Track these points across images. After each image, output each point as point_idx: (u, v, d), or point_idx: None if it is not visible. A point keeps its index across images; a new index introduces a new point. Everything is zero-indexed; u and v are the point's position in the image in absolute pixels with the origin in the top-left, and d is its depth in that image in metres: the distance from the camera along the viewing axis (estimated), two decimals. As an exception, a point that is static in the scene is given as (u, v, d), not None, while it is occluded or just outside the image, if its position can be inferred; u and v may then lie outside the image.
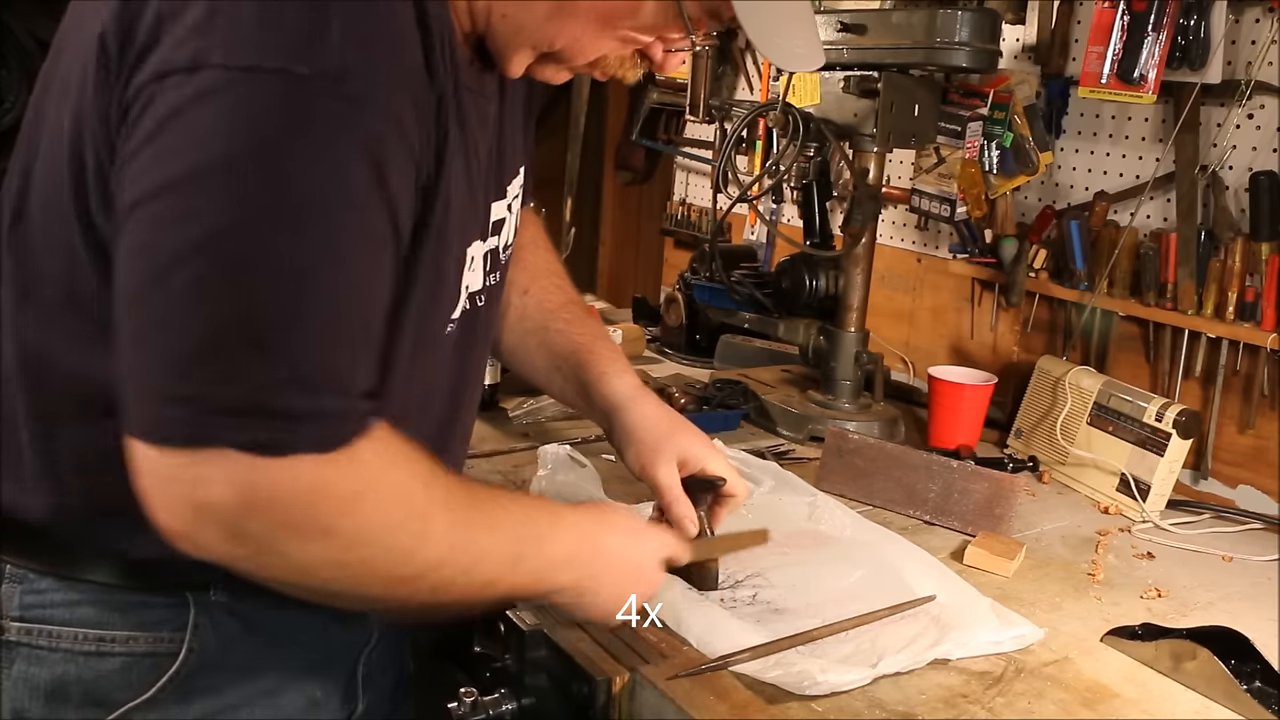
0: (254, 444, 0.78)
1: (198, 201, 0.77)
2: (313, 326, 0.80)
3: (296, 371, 0.80)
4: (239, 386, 0.78)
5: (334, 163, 0.80)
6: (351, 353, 0.84)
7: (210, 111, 0.77)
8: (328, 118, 0.79)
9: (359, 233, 0.83)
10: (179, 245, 0.78)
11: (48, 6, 0.98)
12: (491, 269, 1.12)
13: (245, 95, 0.77)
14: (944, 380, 1.79)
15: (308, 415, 0.80)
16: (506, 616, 1.17)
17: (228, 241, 0.77)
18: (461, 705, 1.15)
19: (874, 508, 1.56)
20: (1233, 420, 1.74)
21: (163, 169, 0.79)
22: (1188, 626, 1.19)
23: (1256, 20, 1.68)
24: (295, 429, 0.80)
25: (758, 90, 2.63)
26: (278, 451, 0.79)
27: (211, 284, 0.78)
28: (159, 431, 0.79)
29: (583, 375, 1.30)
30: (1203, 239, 1.73)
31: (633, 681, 1.09)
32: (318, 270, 0.80)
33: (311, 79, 0.78)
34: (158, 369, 0.79)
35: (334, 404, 0.82)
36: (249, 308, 0.78)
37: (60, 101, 0.90)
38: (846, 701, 1.06)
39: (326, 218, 0.80)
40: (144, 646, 0.98)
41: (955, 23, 1.66)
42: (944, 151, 1.95)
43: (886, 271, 2.29)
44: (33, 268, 0.93)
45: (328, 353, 0.81)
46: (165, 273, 0.78)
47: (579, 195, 3.15)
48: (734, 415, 1.89)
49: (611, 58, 1.01)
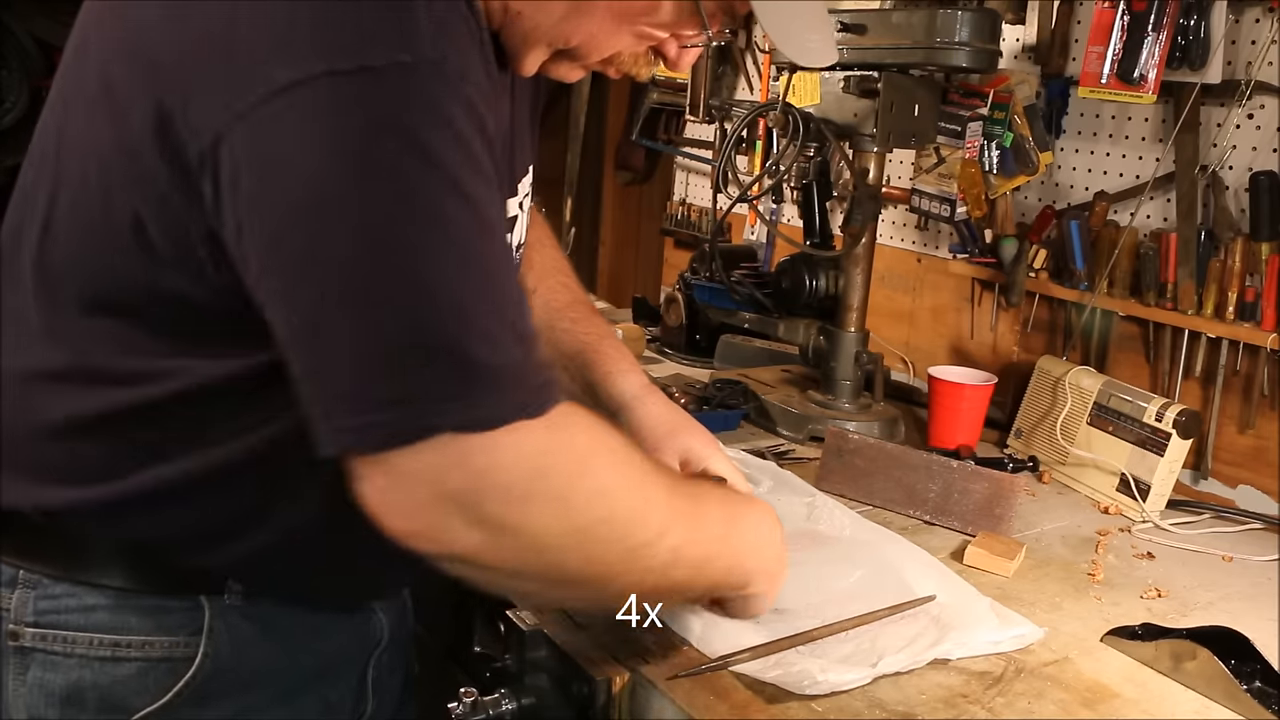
0: (471, 422, 0.78)
1: (349, 210, 0.76)
2: (488, 294, 0.80)
3: (488, 341, 0.79)
4: (440, 370, 0.78)
5: (461, 137, 0.80)
6: (521, 310, 0.84)
7: (330, 121, 0.76)
8: (442, 94, 0.79)
9: (491, 197, 0.84)
10: (347, 256, 0.77)
11: (48, 6, 0.98)
12: None
13: (359, 96, 0.76)
14: (944, 380, 1.79)
15: (511, 381, 0.80)
16: (506, 616, 1.17)
17: (393, 236, 0.77)
18: (461, 705, 1.15)
19: (874, 508, 1.56)
20: (1233, 420, 1.74)
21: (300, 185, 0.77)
22: (1188, 626, 1.19)
23: (1256, 20, 1.68)
24: (504, 397, 0.80)
25: (758, 90, 2.63)
26: (495, 424, 0.79)
27: (373, 288, 0.77)
28: (377, 439, 0.78)
29: (589, 374, 1.30)
30: (1203, 239, 1.73)
31: (633, 681, 1.09)
32: (475, 238, 0.80)
33: (417, 64, 0.77)
34: (357, 379, 0.78)
35: (531, 366, 0.82)
36: (425, 290, 0.78)
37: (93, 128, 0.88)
38: (846, 701, 1.06)
39: (472, 190, 0.80)
40: (160, 651, 0.97)
41: (955, 23, 1.66)
42: (944, 151, 1.95)
43: (886, 271, 2.29)
44: (62, 277, 0.92)
45: (508, 317, 0.82)
46: (340, 285, 0.77)
47: (579, 195, 3.15)
48: (734, 415, 1.89)
49: (626, 55, 1.01)
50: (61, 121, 0.94)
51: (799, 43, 1.03)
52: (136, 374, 0.91)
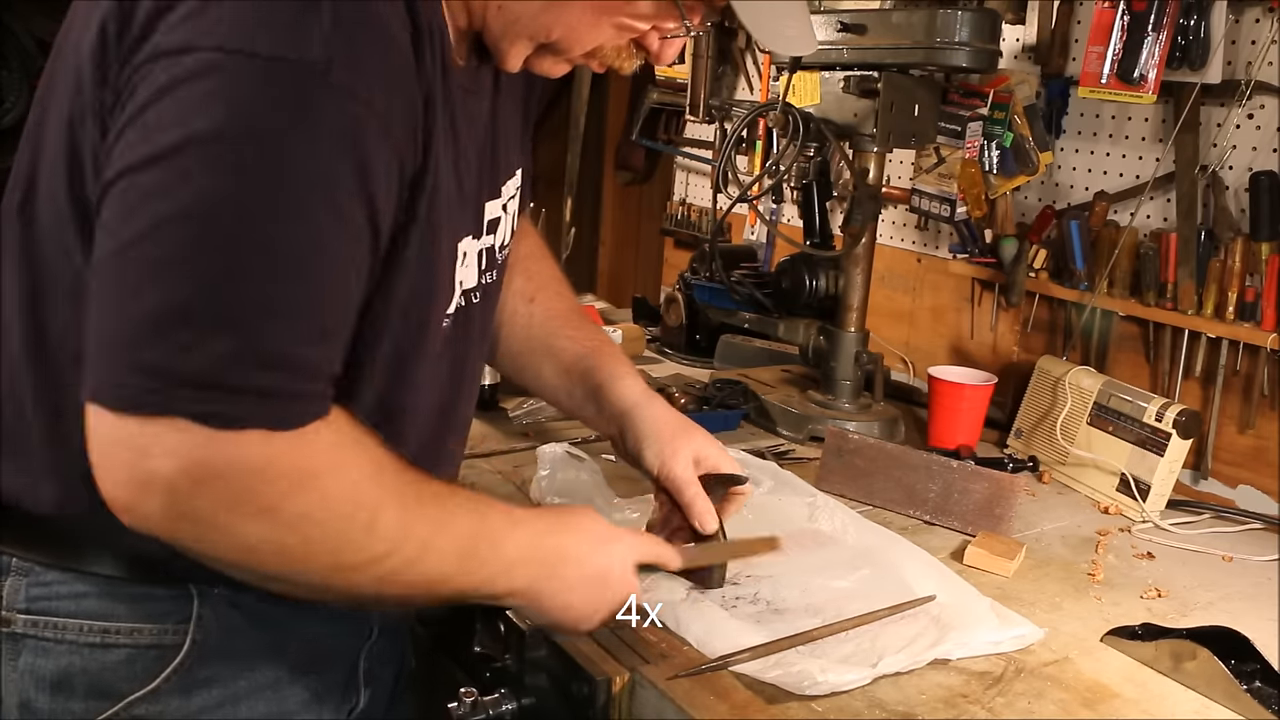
0: (207, 415, 0.79)
1: (176, 174, 0.79)
2: (278, 306, 0.82)
3: (257, 348, 0.81)
4: (199, 358, 0.79)
5: (314, 148, 0.81)
6: (315, 336, 0.85)
7: (197, 90, 0.79)
8: (312, 104, 0.80)
9: (334, 218, 0.84)
10: (155, 216, 0.79)
11: (47, 6, 0.99)
12: (487, 267, 1.12)
13: (232, 77, 0.79)
14: (944, 380, 1.79)
15: (263, 391, 0.81)
16: (506, 616, 1.17)
17: (202, 216, 0.79)
18: (461, 705, 1.15)
19: (874, 508, 1.56)
20: (1233, 420, 1.74)
21: (146, 144, 0.80)
22: (1188, 626, 1.19)
23: (1256, 20, 1.68)
24: (249, 404, 0.80)
25: (758, 90, 2.63)
26: (229, 424, 0.80)
27: (182, 255, 0.79)
28: (115, 396, 0.80)
29: (593, 379, 1.30)
30: (1203, 239, 1.73)
31: (633, 681, 1.09)
32: (289, 251, 0.81)
33: (298, 65, 0.79)
34: (122, 335, 0.80)
35: (291, 383, 0.83)
36: (217, 282, 0.79)
37: (62, 96, 0.92)
38: (846, 701, 1.06)
39: (303, 201, 0.81)
40: (148, 638, 0.99)
41: (955, 23, 1.66)
42: (944, 151, 1.95)
43: (886, 271, 2.29)
44: (38, 256, 0.94)
45: (290, 333, 0.82)
46: (138, 241, 0.80)
47: (579, 195, 3.15)
48: (734, 415, 1.89)
49: (608, 48, 1.01)
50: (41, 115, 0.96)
51: (775, 32, 1.04)
52: None
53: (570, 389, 1.32)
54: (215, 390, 0.79)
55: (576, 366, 1.32)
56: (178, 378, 0.79)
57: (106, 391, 0.80)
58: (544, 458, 1.52)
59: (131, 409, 0.79)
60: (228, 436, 0.80)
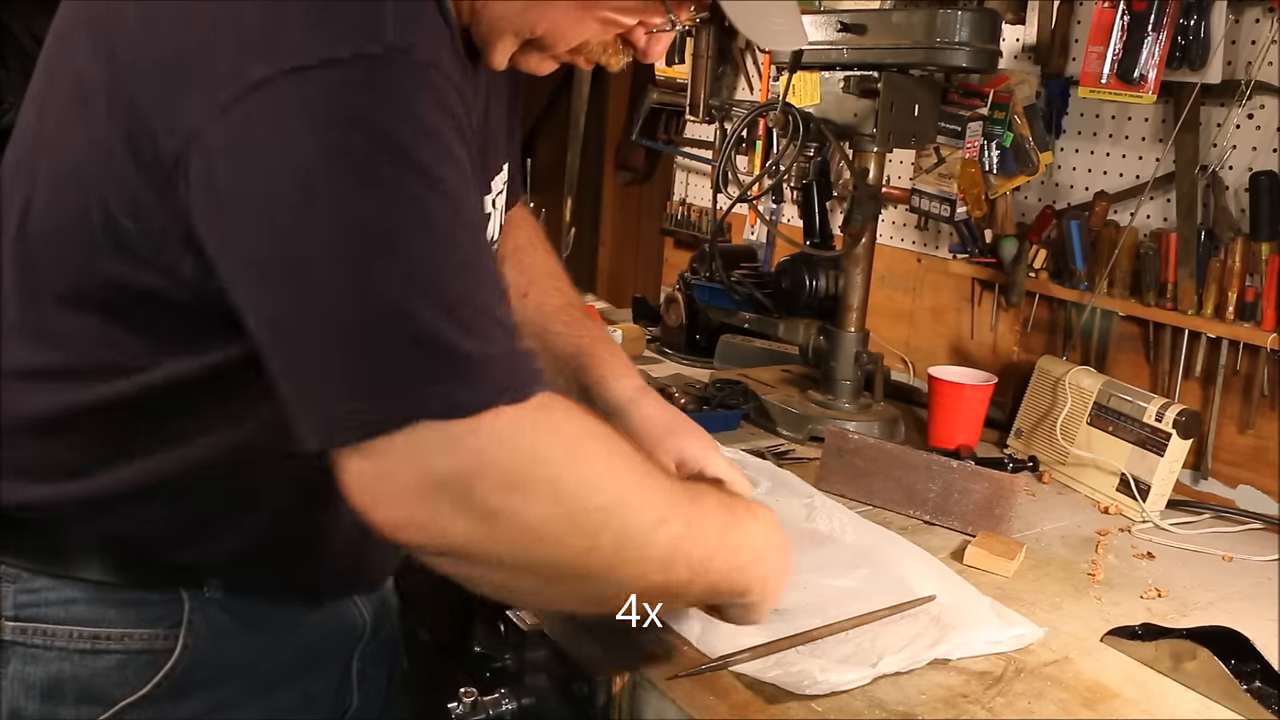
0: (453, 408, 0.77)
1: (323, 203, 0.76)
2: (465, 279, 0.80)
3: (467, 325, 0.79)
4: (419, 358, 0.77)
5: (429, 124, 0.80)
6: (501, 299, 0.84)
7: (302, 115, 0.76)
8: (410, 84, 0.79)
9: (465, 184, 0.83)
10: (322, 248, 0.77)
11: (48, 6, 0.98)
12: None
13: (330, 85, 0.76)
14: (944, 380, 1.79)
15: (492, 366, 0.80)
16: (506, 616, 1.17)
17: (368, 225, 0.77)
18: (461, 705, 1.15)
19: (874, 508, 1.56)
20: (1233, 420, 1.74)
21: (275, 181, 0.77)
22: (1188, 626, 1.19)
23: (1256, 20, 1.68)
24: (486, 382, 0.79)
25: (758, 90, 2.63)
26: (477, 408, 0.78)
27: (363, 271, 0.77)
28: (357, 429, 0.77)
29: (584, 378, 1.29)
30: (1203, 239, 1.73)
31: (633, 681, 1.09)
32: (450, 225, 0.80)
33: (385, 55, 0.78)
34: (333, 371, 0.78)
35: (510, 348, 0.82)
36: (398, 280, 0.77)
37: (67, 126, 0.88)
38: (846, 701, 1.06)
39: (443, 176, 0.80)
40: (139, 644, 0.98)
41: (955, 23, 1.66)
42: (944, 151, 1.95)
43: (886, 271, 2.29)
44: (38, 275, 0.93)
45: (486, 301, 0.81)
46: (315, 277, 0.77)
47: (579, 195, 3.15)
48: (734, 415, 1.89)
49: (594, 44, 1.01)
50: (36, 123, 0.94)
51: (763, 26, 1.04)
52: (113, 369, 0.91)
53: (563, 389, 1.29)
54: (445, 381, 0.78)
55: (569, 365, 1.30)
56: (401, 387, 0.77)
57: (351, 430, 0.78)
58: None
59: (378, 433, 0.77)
60: (478, 421, 0.78)
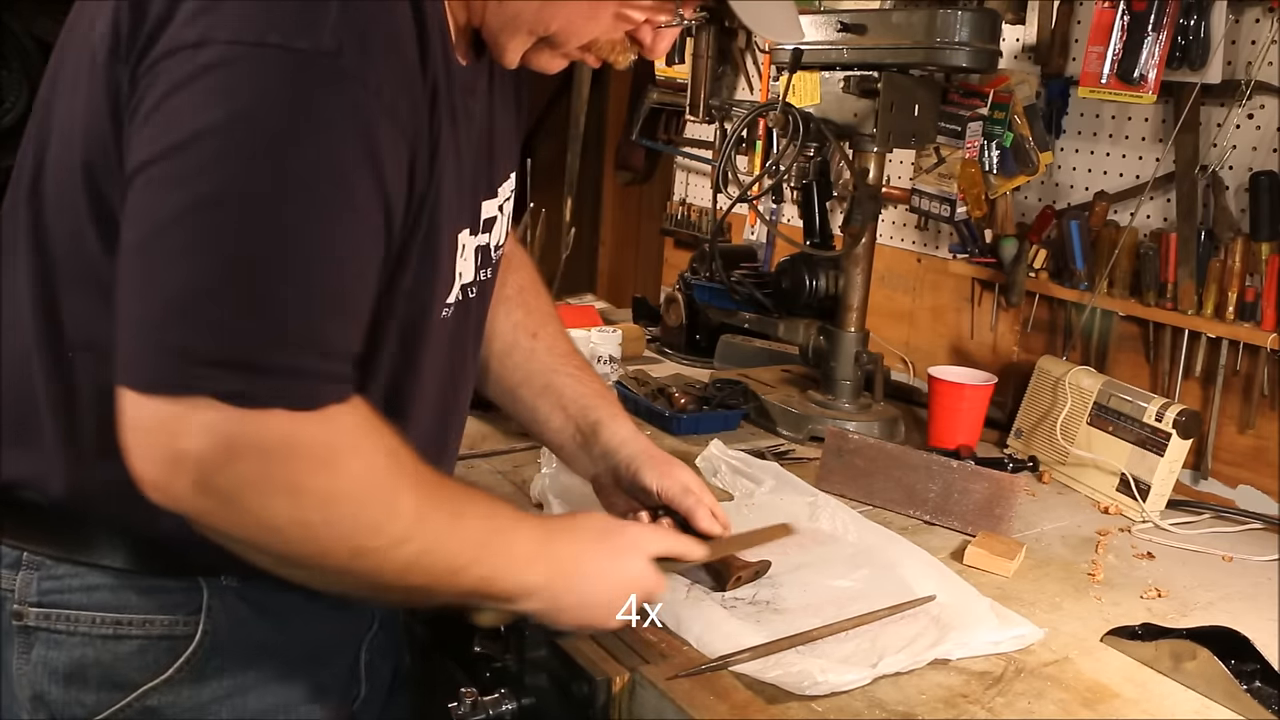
0: (232, 394, 0.81)
1: (196, 164, 0.81)
2: (297, 289, 0.84)
3: (279, 329, 0.83)
4: (223, 339, 0.81)
5: (328, 135, 0.83)
6: (333, 318, 0.87)
7: (213, 82, 0.81)
8: (323, 92, 0.83)
9: (348, 202, 0.86)
10: (176, 205, 0.82)
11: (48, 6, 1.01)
12: (482, 265, 1.14)
13: (245, 68, 0.81)
14: (944, 380, 1.79)
15: (286, 371, 0.83)
16: (506, 616, 1.17)
17: (222, 202, 0.81)
18: (461, 705, 1.15)
19: (874, 508, 1.56)
20: (1233, 420, 1.74)
21: (165, 135, 0.83)
22: (1188, 626, 1.19)
23: (1256, 20, 1.68)
24: (275, 383, 0.83)
25: (758, 90, 2.63)
26: (254, 403, 0.82)
27: (204, 241, 0.81)
28: (145, 378, 0.82)
29: (590, 416, 1.33)
30: (1203, 239, 1.73)
31: (633, 681, 1.09)
32: (305, 235, 0.84)
33: (309, 54, 0.82)
34: (148, 319, 0.82)
35: (313, 364, 0.85)
36: (238, 265, 0.82)
37: (71, 92, 0.93)
38: (846, 701, 1.06)
39: (317, 186, 0.84)
40: (160, 629, 1.00)
41: (955, 23, 1.66)
42: (944, 151, 1.95)
43: (886, 271, 2.29)
44: (49, 247, 0.95)
45: (310, 315, 0.85)
46: (161, 230, 0.82)
47: (579, 195, 3.15)
48: (734, 415, 1.89)
49: (603, 41, 1.04)
50: (47, 102, 0.98)
51: (764, 17, 1.08)
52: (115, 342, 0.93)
53: (564, 425, 1.34)
54: (241, 370, 0.81)
55: (575, 404, 1.34)
56: (204, 358, 0.81)
57: (136, 374, 0.82)
58: (546, 457, 1.52)
59: (160, 390, 0.81)
60: (254, 415, 0.82)
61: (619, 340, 2.10)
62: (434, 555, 0.94)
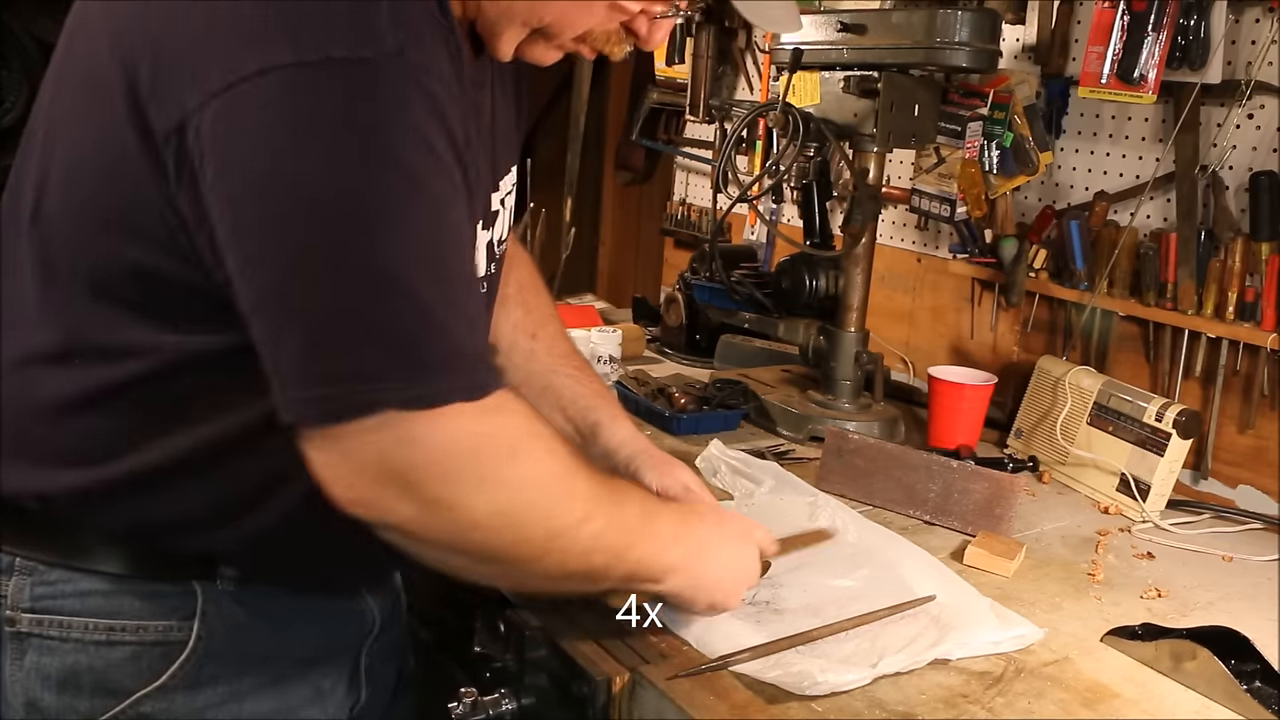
0: (412, 400, 0.83)
1: (308, 192, 0.81)
2: (438, 281, 0.85)
3: (434, 326, 0.84)
4: (387, 350, 0.82)
5: (417, 128, 0.84)
6: (473, 304, 0.90)
7: (287, 113, 0.80)
8: (399, 89, 0.83)
9: (450, 189, 0.88)
10: (298, 239, 0.82)
11: (48, 6, 1.00)
12: (489, 260, 1.14)
13: (323, 85, 0.81)
14: (944, 380, 1.79)
15: (454, 364, 0.85)
16: (506, 616, 1.17)
17: (348, 218, 0.81)
18: (461, 705, 1.15)
19: (874, 508, 1.56)
20: (1233, 420, 1.74)
21: (264, 165, 0.81)
22: (1188, 626, 1.19)
23: (1256, 20, 1.68)
24: (447, 380, 0.85)
25: (758, 90, 2.63)
26: (434, 403, 0.83)
27: (339, 262, 0.82)
28: (324, 410, 0.83)
29: (591, 417, 1.35)
30: (1203, 239, 1.73)
31: (633, 681, 1.09)
32: (431, 226, 0.85)
33: (376, 59, 0.82)
34: (308, 354, 0.83)
35: (474, 352, 0.87)
36: (377, 277, 0.82)
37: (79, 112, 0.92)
38: (846, 701, 1.06)
39: (426, 179, 0.85)
40: (154, 635, 0.99)
41: (955, 23, 1.66)
42: (944, 151, 1.95)
43: (886, 271, 2.29)
44: (56, 258, 0.94)
45: (458, 304, 0.87)
46: (294, 267, 0.82)
47: (579, 195, 3.15)
48: (734, 415, 1.89)
49: (598, 32, 1.04)
50: (49, 114, 0.97)
51: (761, 10, 1.10)
52: (127, 351, 0.93)
53: (563, 426, 1.35)
54: (407, 376, 0.83)
55: (575, 404, 1.36)
56: (374, 374, 0.82)
57: (314, 411, 0.83)
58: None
59: (344, 417, 0.82)
60: (437, 415, 0.84)
61: (619, 340, 2.10)
62: (611, 533, 0.98)
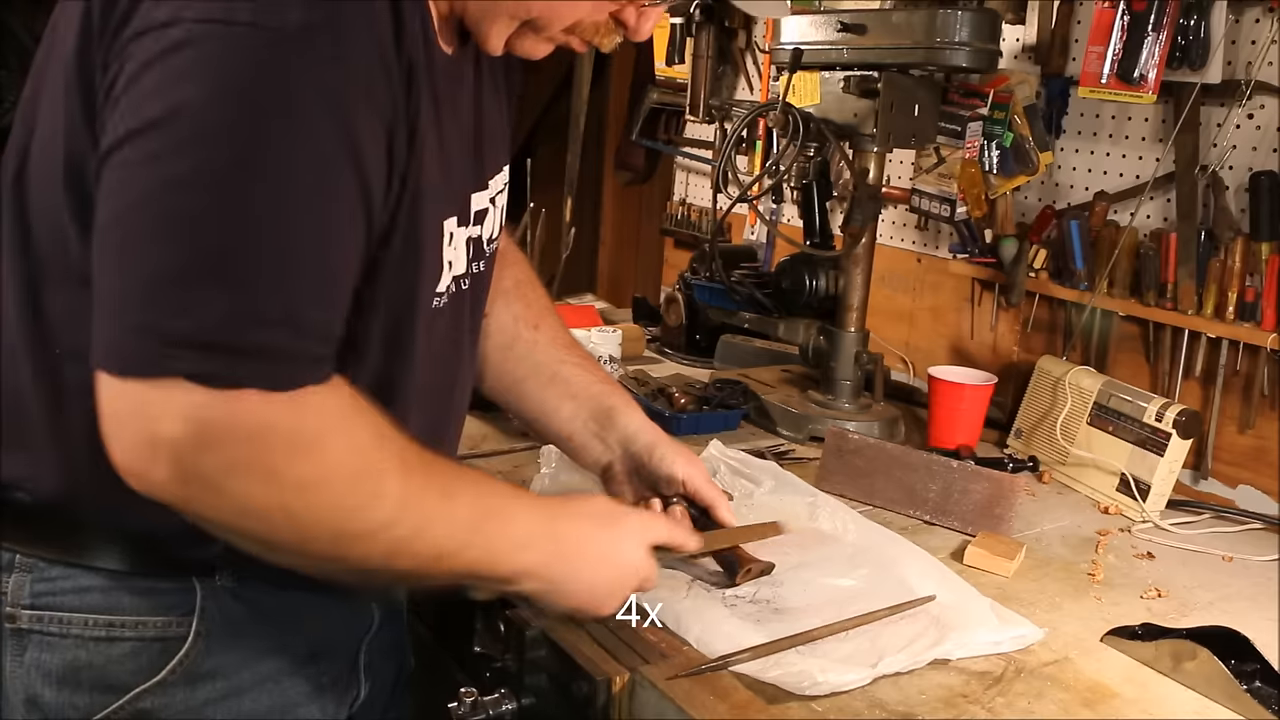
0: (206, 375, 0.80)
1: (166, 143, 0.81)
2: (270, 267, 0.83)
3: (253, 307, 0.82)
4: (195, 318, 0.80)
5: (299, 113, 0.82)
6: (309, 297, 0.85)
7: (182, 61, 0.81)
8: (293, 70, 0.82)
9: (324, 179, 0.85)
10: (147, 184, 0.81)
11: (47, 6, 0.99)
12: (475, 257, 1.13)
13: (215, 46, 0.81)
14: (944, 380, 1.79)
15: (260, 350, 0.82)
16: (507, 616, 1.17)
17: (193, 181, 0.81)
18: (461, 705, 1.15)
19: (874, 508, 1.56)
20: (1233, 420, 1.74)
21: (136, 114, 0.82)
22: (1188, 626, 1.19)
23: (1256, 20, 1.68)
24: (247, 363, 0.81)
25: (758, 90, 2.63)
26: (228, 384, 0.81)
27: (175, 221, 0.81)
28: (118, 359, 0.81)
29: (604, 402, 1.32)
30: (1203, 239, 1.73)
31: (633, 681, 1.09)
32: (280, 212, 0.83)
33: (280, 31, 0.81)
34: (121, 300, 0.82)
35: (288, 344, 0.83)
36: (209, 243, 0.81)
37: (51, 90, 0.93)
38: (846, 701, 1.06)
39: (291, 165, 0.83)
40: (153, 631, 1.00)
41: (955, 23, 1.66)
42: (944, 151, 1.95)
43: (886, 271, 2.29)
44: (34, 247, 0.95)
45: (283, 294, 0.83)
46: (133, 209, 0.82)
47: (579, 195, 3.15)
48: (734, 415, 1.89)
49: (587, 24, 1.03)
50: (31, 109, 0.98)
51: None
52: None
53: (575, 413, 1.32)
54: (212, 350, 0.80)
55: (585, 392, 1.33)
56: (176, 338, 0.80)
57: (109, 356, 0.82)
58: (546, 457, 1.52)
59: (133, 372, 0.80)
60: (226, 396, 0.81)
61: (619, 340, 2.10)
62: (422, 539, 0.93)
